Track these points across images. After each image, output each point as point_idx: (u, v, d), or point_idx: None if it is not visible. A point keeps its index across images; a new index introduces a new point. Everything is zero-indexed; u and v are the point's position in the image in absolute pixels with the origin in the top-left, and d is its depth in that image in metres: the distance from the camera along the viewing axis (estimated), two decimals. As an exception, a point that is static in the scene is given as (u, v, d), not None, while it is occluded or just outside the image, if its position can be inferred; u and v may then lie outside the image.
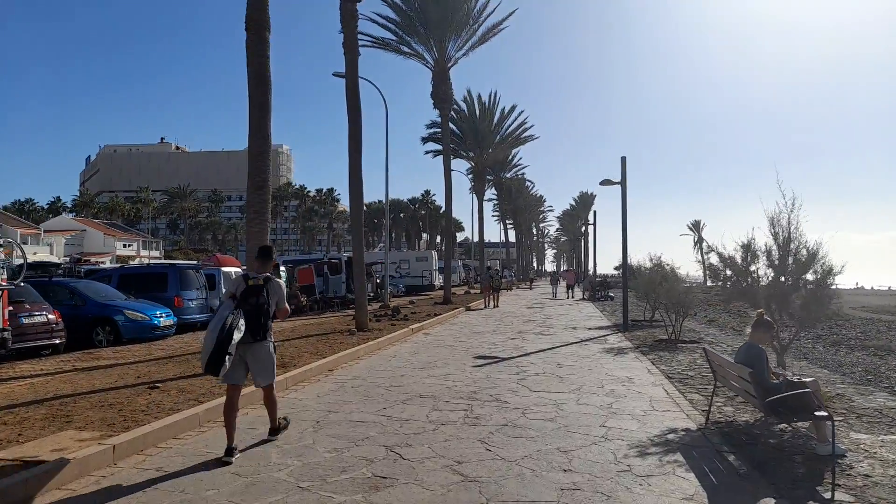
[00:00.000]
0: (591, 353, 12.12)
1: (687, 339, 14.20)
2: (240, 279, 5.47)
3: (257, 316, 5.31)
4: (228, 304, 5.30)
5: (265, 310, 5.37)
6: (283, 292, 5.64)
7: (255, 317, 5.30)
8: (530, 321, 19.67)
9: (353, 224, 15.53)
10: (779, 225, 8.10)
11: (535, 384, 8.61)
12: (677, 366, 10.50)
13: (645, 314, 20.41)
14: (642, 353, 12.16)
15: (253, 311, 5.29)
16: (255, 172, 9.45)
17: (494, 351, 12.22)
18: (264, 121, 9.45)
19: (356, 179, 15.23)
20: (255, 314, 5.31)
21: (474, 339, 14.27)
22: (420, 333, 15.58)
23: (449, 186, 27.70)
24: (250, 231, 9.42)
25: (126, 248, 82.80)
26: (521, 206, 75.02)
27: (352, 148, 15.24)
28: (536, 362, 10.76)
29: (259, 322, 5.33)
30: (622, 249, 17.05)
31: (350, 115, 15.22)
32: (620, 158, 16.99)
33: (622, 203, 16.84)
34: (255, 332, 5.31)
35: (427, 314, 20.48)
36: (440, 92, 26.73)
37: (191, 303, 16.22)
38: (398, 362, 10.69)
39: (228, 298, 5.38)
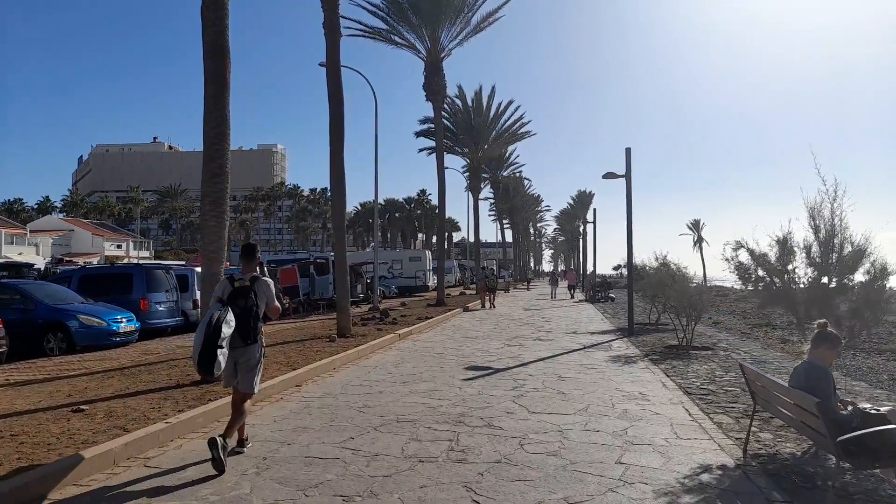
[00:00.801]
0: (597, 362, 10.89)
1: (699, 346, 12.99)
2: (225, 281, 5.28)
3: (246, 319, 5.08)
4: (215, 307, 5.07)
5: (254, 312, 5.15)
6: (273, 290, 5.34)
7: (244, 320, 5.07)
8: (528, 325, 18.44)
9: (335, 221, 14.27)
10: (819, 216, 6.89)
11: (535, 403, 7.36)
12: (694, 378, 9.28)
13: (650, 317, 19.20)
14: (653, 361, 10.93)
15: (241, 314, 5.06)
16: (211, 157, 8.19)
17: (488, 360, 10.97)
18: (222, 97, 8.19)
19: (338, 174, 13.97)
20: (244, 317, 5.07)
21: (467, 346, 13.02)
22: (408, 339, 14.31)
23: (442, 183, 26.46)
24: (206, 225, 8.16)
25: (115, 249, 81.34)
26: (518, 206, 73.80)
27: (333, 140, 13.97)
28: (535, 374, 9.51)
29: (248, 325, 5.10)
30: (627, 248, 15.85)
31: (331, 105, 13.95)
32: (625, 150, 15.80)
33: (627, 198, 15.62)
34: (244, 336, 5.10)
35: (418, 317, 19.23)
36: (433, 83, 25.47)
37: (159, 306, 14.92)
38: (378, 375, 9.42)
39: (216, 303, 5.16)
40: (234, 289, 5.16)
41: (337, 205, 14.09)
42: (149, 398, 7.08)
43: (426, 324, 17.37)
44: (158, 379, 8.41)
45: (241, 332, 5.07)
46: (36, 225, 79.14)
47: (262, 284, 5.24)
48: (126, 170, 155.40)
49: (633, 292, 16.05)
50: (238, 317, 5.04)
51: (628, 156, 15.71)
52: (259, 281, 5.24)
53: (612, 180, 16.19)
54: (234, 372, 5.21)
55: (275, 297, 5.36)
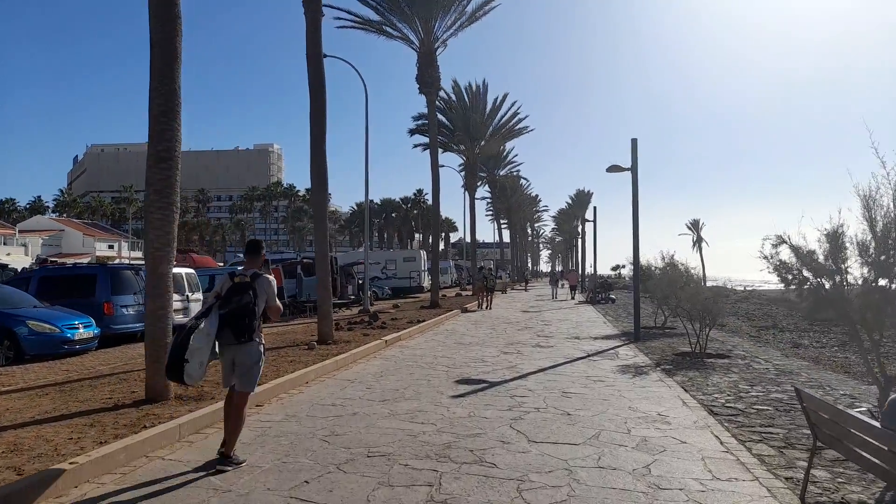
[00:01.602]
0: (604, 373, 9.72)
1: (713, 353, 11.85)
2: (225, 277, 5.17)
3: (242, 316, 4.92)
4: (207, 304, 5.04)
5: (251, 309, 4.95)
6: (274, 289, 5.13)
7: (240, 317, 4.91)
8: (526, 328, 17.27)
9: (316, 214, 13.08)
10: (876, 206, 5.72)
11: (536, 428, 6.19)
12: (717, 393, 8.12)
13: (656, 320, 18.06)
14: (666, 372, 9.77)
15: (238, 310, 4.92)
16: (157, 138, 7.01)
17: (482, 371, 9.79)
18: (170, 68, 7.01)
19: (319, 163, 12.79)
20: (240, 314, 4.92)
21: (459, 354, 11.84)
22: (395, 346, 13.12)
23: (436, 180, 25.25)
24: (150, 218, 6.97)
25: (108, 249, 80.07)
26: (516, 205, 72.65)
27: (314, 127, 12.79)
28: (535, 388, 8.34)
29: (244, 322, 4.93)
30: (633, 247, 14.70)
31: (312, 89, 12.77)
32: (631, 141, 14.63)
33: (633, 193, 14.46)
34: (239, 334, 4.93)
35: (409, 320, 18.05)
36: (426, 75, 24.28)
37: (125, 310, 13.71)
38: (355, 391, 8.23)
39: (213, 297, 5.06)
40: (233, 284, 5.01)
41: (317, 196, 12.91)
42: (73, 424, 5.89)
43: (417, 328, 16.19)
44: (97, 397, 7.22)
45: (235, 330, 4.90)
46: (26, 225, 77.85)
47: (263, 282, 5.04)
48: (121, 169, 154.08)
49: (639, 295, 14.88)
50: (233, 313, 4.89)
51: (634, 147, 14.56)
52: (260, 278, 5.04)
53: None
54: (231, 371, 5.06)
55: (275, 296, 5.14)
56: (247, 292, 4.95)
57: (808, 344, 20.37)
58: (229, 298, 4.96)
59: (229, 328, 4.89)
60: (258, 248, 5.35)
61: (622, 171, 14.70)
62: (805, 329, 23.69)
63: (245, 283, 4.99)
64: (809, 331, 23.14)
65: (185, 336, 4.68)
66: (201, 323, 4.79)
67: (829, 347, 19.28)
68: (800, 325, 24.88)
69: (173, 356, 4.72)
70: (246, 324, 4.92)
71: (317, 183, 12.71)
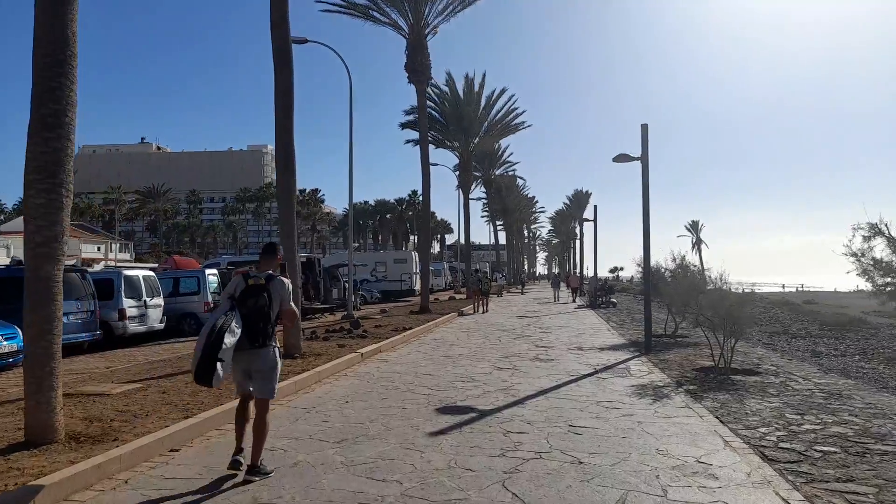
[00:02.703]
0: (617, 396, 8.07)
1: (738, 367, 10.25)
2: (239, 278, 4.94)
3: (257, 319, 4.75)
4: (224, 305, 4.80)
5: (266, 312, 4.79)
6: (289, 292, 4.98)
7: (255, 320, 4.74)
8: (523, 337, 15.62)
9: (282, 207, 11.38)
10: None
11: (538, 489, 4.53)
12: (761, 425, 6.50)
13: (666, 328, 16.41)
14: (691, 395, 8.13)
15: (252, 313, 4.74)
16: (43, 98, 5.34)
17: (471, 394, 8.13)
18: (60, 16, 5.34)
19: (286, 144, 11.14)
20: (255, 317, 4.74)
21: (446, 370, 10.18)
22: (373, 359, 11.45)
23: (426, 174, 23.61)
24: (31, 205, 5.31)
25: (95, 251, 78.15)
26: (512, 206, 71.04)
27: (279, 103, 11.14)
28: (535, 420, 6.69)
29: (259, 326, 4.74)
30: (643, 246, 13.06)
31: (277, 62, 11.13)
32: (641, 126, 13.01)
33: (643, 183, 12.83)
34: (253, 338, 4.72)
35: (395, 328, 16.40)
36: (416, 62, 22.64)
37: (67, 318, 11.99)
38: (308, 425, 6.55)
39: (227, 299, 4.85)
40: (247, 286, 4.86)
41: (284, 182, 11.23)
42: None
43: (402, 337, 14.52)
44: (-35, 438, 5.54)
45: (250, 335, 4.72)
46: (9, 226, 75.62)
47: (277, 284, 4.92)
48: (113, 170, 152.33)
49: (650, 300, 13.23)
50: (247, 317, 4.73)
51: (645, 134, 12.94)
52: (275, 280, 4.93)
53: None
54: (245, 377, 4.90)
55: (290, 299, 5.01)
56: (262, 295, 4.80)
57: (827, 352, 18.88)
58: (244, 301, 4.78)
59: (244, 333, 4.67)
60: (274, 251, 5.18)
61: (631, 161, 13.07)
62: (817, 335, 22.29)
63: (260, 286, 4.83)
64: (822, 336, 21.75)
65: (219, 334, 4.46)
66: (231, 321, 4.57)
67: (850, 356, 17.93)
68: (811, 331, 23.46)
69: (206, 356, 4.44)
70: (262, 328, 4.77)
71: (283, 166, 11.05)
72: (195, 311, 16.56)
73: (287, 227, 11.31)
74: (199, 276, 16.84)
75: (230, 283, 5.06)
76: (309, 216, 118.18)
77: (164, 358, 11.33)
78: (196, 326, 16.65)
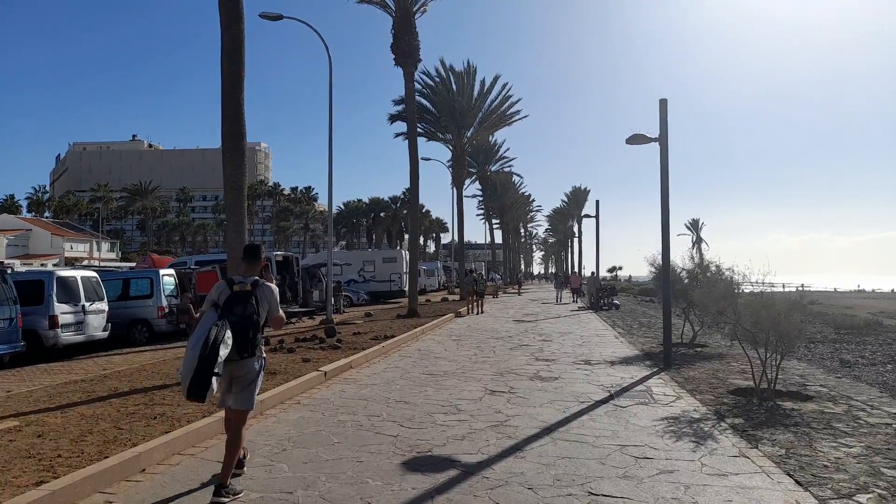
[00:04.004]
0: (646, 437, 6.14)
1: (782, 389, 8.38)
2: (223, 284, 4.67)
3: (244, 328, 4.45)
4: (210, 314, 4.47)
5: (254, 321, 4.52)
6: (276, 297, 4.72)
7: (242, 329, 4.43)
8: (521, 347, 13.68)
9: (228, 196, 9.39)
10: None
11: None
12: (852, 485, 4.64)
13: (682, 335, 14.49)
14: (740, 433, 6.24)
15: (240, 322, 4.44)
16: None
17: (453, 435, 6.19)
18: None
19: (233, 122, 9.18)
20: (243, 326, 4.44)
21: (425, 395, 8.23)
22: (339, 380, 9.48)
23: (415, 165, 21.66)
24: None
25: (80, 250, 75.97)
26: (508, 204, 69.07)
27: (227, 73, 9.18)
28: (540, 483, 4.76)
29: (247, 335, 4.46)
30: (662, 240, 11.14)
31: (224, 14, 9.14)
32: (660, 102, 11.10)
33: (661, 164, 10.93)
34: (242, 348, 4.44)
35: (376, 335, 14.45)
36: (403, 44, 20.67)
37: (-25, 327, 10.05)
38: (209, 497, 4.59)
39: (211, 307, 4.53)
40: (232, 293, 4.53)
41: (232, 166, 9.26)
42: None
43: (381, 347, 12.57)
44: None
45: (237, 344, 4.40)
46: None
47: (264, 290, 4.63)
48: (104, 168, 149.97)
49: (669, 306, 11.28)
50: (234, 326, 4.40)
51: (663, 111, 11.03)
52: (261, 286, 4.63)
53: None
54: (228, 388, 4.59)
55: (278, 306, 4.74)
56: (249, 302, 4.50)
57: (854, 360, 17.09)
58: (230, 309, 4.46)
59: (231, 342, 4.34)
60: (258, 253, 4.91)
61: (647, 143, 11.15)
62: (834, 339, 20.54)
63: (246, 293, 4.53)
64: (841, 341, 20.00)
65: (213, 347, 4.18)
66: (224, 332, 4.28)
67: (882, 364, 16.22)
68: (827, 335, 21.68)
69: (202, 370, 4.14)
70: (250, 337, 4.48)
71: (230, 144, 9.09)
72: (147, 318, 14.57)
73: (236, 220, 9.34)
74: (153, 278, 14.82)
75: (213, 289, 4.71)
76: (302, 214, 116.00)
77: (88, 377, 9.35)
78: (149, 335, 14.68)
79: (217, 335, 4.24)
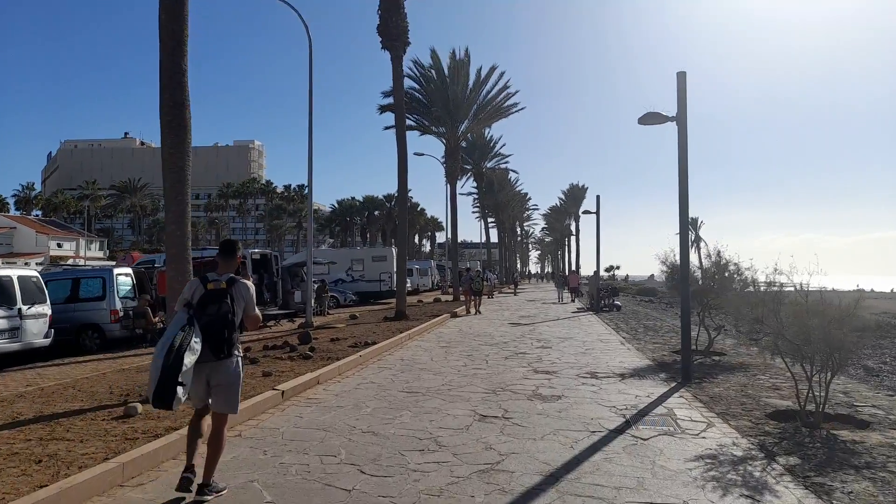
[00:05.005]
0: (680, 487, 4.66)
1: (830, 412, 6.96)
2: (196, 281, 4.48)
3: (220, 328, 4.28)
4: (180, 315, 4.28)
5: (229, 320, 4.34)
6: (252, 295, 4.53)
7: (218, 329, 4.27)
8: (517, 355, 12.20)
9: (168, 183, 7.88)
10: None
11: None
12: None
13: (697, 340, 13.00)
14: (801, 480, 4.79)
15: (213, 322, 4.28)
16: None
17: (428, 484, 4.70)
18: None
19: (174, 89, 7.66)
20: (218, 326, 4.28)
21: (400, 423, 6.74)
22: (298, 400, 7.95)
23: (403, 155, 20.15)
24: None
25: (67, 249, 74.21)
26: (504, 202, 67.57)
27: (166, 30, 7.66)
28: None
29: (221, 335, 4.29)
30: (680, 233, 9.67)
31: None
32: (677, 75, 9.61)
33: (679, 144, 9.45)
34: (217, 349, 4.28)
35: (356, 342, 12.96)
36: (390, 25, 19.15)
37: None
38: None
39: (183, 308, 4.35)
40: (206, 291, 4.36)
41: (172, 142, 7.74)
42: None
43: (359, 357, 11.06)
44: None
45: (213, 345, 4.25)
46: None
47: (240, 288, 4.45)
48: (95, 166, 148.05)
49: (689, 310, 9.79)
50: (209, 325, 4.25)
51: (682, 84, 9.55)
52: (237, 284, 4.45)
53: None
54: (205, 392, 4.41)
55: (254, 304, 4.55)
56: (224, 300, 4.33)
57: (878, 367, 15.75)
58: (204, 308, 4.29)
59: (205, 343, 4.20)
60: (233, 250, 4.68)
61: (663, 122, 9.67)
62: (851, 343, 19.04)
63: (221, 291, 4.36)
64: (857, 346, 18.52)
65: (178, 354, 3.99)
66: (190, 337, 4.10)
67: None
68: (840, 338, 20.19)
69: (165, 379, 3.98)
70: (224, 337, 4.28)
71: (169, 117, 7.55)
72: (99, 322, 13.00)
73: (176, 209, 7.80)
74: (105, 277, 13.24)
75: (186, 287, 4.55)
76: (295, 213, 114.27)
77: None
78: (101, 341, 13.13)
79: (182, 342, 4.04)
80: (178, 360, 3.98)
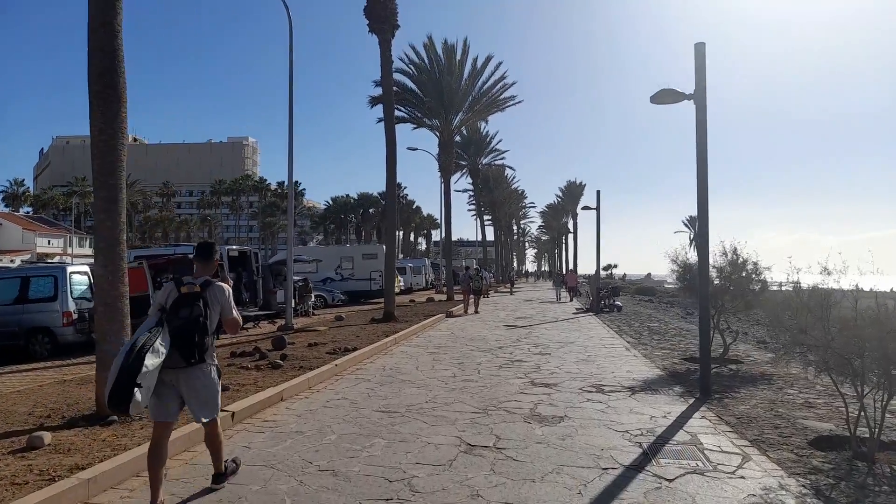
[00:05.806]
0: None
1: (885, 439, 5.81)
2: (171, 284, 4.31)
3: (191, 332, 4.10)
4: (150, 319, 4.11)
5: (202, 324, 4.15)
6: (229, 298, 4.36)
7: (189, 333, 4.10)
8: (512, 363, 11.01)
9: (98, 162, 6.68)
10: None
11: None
12: None
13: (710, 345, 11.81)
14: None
15: (184, 325, 4.10)
16: None
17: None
18: None
19: (106, 52, 6.47)
20: (189, 330, 4.10)
21: (368, 456, 5.54)
22: (252, 423, 6.73)
23: (392, 145, 18.93)
24: None
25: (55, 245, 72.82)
26: (501, 199, 66.41)
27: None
28: None
29: (192, 340, 4.10)
30: (699, 226, 8.51)
31: None
32: (695, 47, 8.42)
33: (698, 125, 8.28)
34: (187, 354, 4.10)
35: (335, 347, 11.77)
36: (377, 6, 17.90)
37: None
38: None
39: (156, 311, 4.20)
40: (179, 295, 4.19)
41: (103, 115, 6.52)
42: None
43: (334, 367, 9.86)
44: None
45: (184, 350, 4.08)
46: None
47: (215, 290, 4.29)
48: (87, 162, 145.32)
49: (709, 315, 8.61)
50: (181, 329, 4.08)
51: (700, 58, 8.37)
52: (213, 287, 4.30)
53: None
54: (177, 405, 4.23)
55: (232, 307, 4.36)
56: (197, 304, 4.17)
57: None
58: (176, 312, 4.14)
59: (175, 348, 4.05)
60: (210, 252, 4.47)
61: (680, 101, 8.49)
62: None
63: (194, 294, 4.20)
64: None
65: (138, 355, 3.78)
66: (155, 339, 3.91)
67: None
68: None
69: (122, 380, 3.75)
70: (197, 342, 4.11)
71: (99, 87, 6.36)
72: (50, 325, 11.75)
73: (107, 195, 6.57)
74: (57, 276, 11.98)
75: (161, 290, 4.36)
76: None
77: None
78: (52, 346, 11.89)
79: (146, 342, 3.86)
80: (139, 360, 3.76)
